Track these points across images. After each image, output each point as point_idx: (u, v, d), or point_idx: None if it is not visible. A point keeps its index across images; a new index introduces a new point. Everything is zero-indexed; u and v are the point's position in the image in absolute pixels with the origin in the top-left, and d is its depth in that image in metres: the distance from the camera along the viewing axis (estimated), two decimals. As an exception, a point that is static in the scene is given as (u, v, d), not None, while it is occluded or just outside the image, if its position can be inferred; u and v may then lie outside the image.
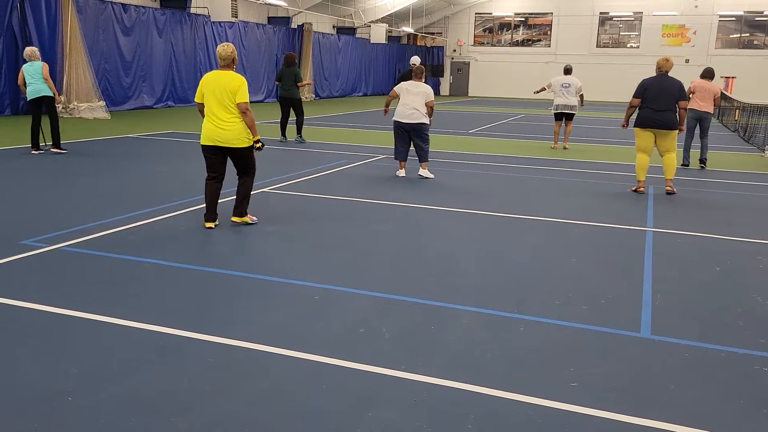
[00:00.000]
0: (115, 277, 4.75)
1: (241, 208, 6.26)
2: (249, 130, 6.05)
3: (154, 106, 21.06)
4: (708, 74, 11.57)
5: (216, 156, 6.15)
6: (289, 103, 13.17)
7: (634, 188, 8.96)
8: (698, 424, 2.99)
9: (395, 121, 9.42)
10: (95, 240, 5.65)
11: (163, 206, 7.02)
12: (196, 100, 6.15)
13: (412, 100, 9.25)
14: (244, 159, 6.19)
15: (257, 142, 6.17)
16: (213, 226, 6.17)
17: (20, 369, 3.30)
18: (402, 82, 9.58)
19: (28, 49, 10.54)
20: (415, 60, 11.95)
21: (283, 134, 13.36)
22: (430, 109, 9.33)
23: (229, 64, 6.07)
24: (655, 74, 8.76)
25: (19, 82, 10.45)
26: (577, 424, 2.96)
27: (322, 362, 3.48)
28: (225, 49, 6.05)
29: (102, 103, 17.59)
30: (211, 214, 6.18)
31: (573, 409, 3.08)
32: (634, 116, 8.90)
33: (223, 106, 5.95)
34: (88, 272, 4.82)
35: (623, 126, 9.23)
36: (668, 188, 8.82)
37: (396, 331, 3.92)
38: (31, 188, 7.80)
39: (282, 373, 3.35)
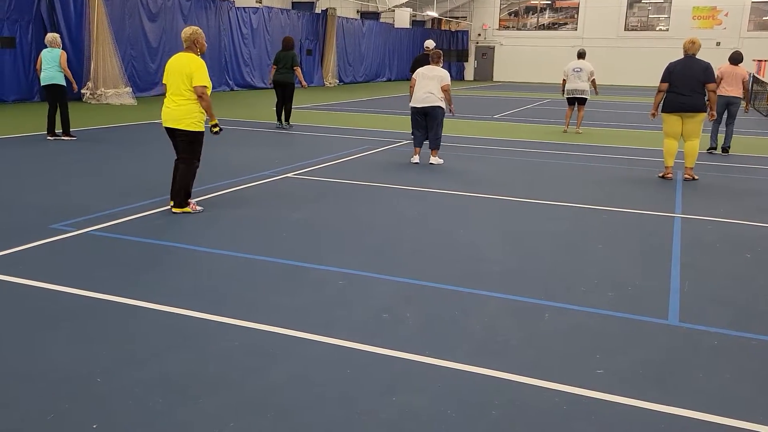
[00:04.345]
0: (142, 261, 4.81)
1: (178, 197, 6.08)
2: (199, 114, 6.01)
3: (180, 92, 21.20)
4: (735, 59, 11.28)
5: (172, 138, 6.19)
6: (283, 87, 12.89)
7: (661, 174, 8.82)
8: (727, 413, 2.94)
9: (411, 107, 9.37)
10: (123, 224, 5.72)
11: (189, 191, 7.07)
12: (164, 81, 6.14)
13: (427, 84, 9.19)
14: (185, 143, 6.07)
15: (215, 126, 6.13)
16: (180, 212, 6.12)
17: (50, 351, 3.36)
18: (419, 68, 9.50)
19: (49, 35, 10.60)
20: (429, 44, 11.75)
21: (279, 120, 13.13)
22: (446, 94, 9.22)
23: (190, 46, 6.00)
24: (682, 57, 8.57)
25: (37, 66, 10.57)
26: (603, 411, 2.94)
27: (346, 347, 3.49)
28: (185, 31, 6.04)
29: (128, 89, 17.76)
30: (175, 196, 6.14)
31: (599, 396, 3.05)
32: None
33: (177, 87, 5.96)
34: (116, 256, 4.88)
35: (652, 115, 8.92)
36: (687, 175, 8.63)
37: (420, 317, 3.92)
38: (59, 173, 7.92)
39: (306, 358, 3.36)
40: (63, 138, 10.55)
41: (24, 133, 11.18)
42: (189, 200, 6.18)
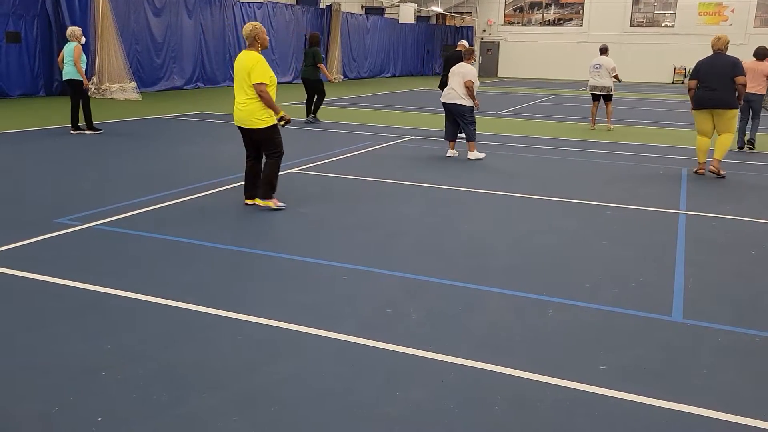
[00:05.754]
0: (147, 255, 4.82)
1: (263, 189, 6.17)
2: (262, 111, 5.96)
3: (184, 87, 21.24)
4: (760, 54, 11.17)
5: (244, 136, 6.25)
6: (307, 84, 13.10)
7: (695, 170, 8.87)
8: (731, 410, 2.94)
9: (442, 102, 9.79)
10: (128, 219, 5.74)
11: (194, 186, 7.09)
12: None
13: (452, 80, 9.50)
14: (262, 140, 6.12)
15: (281, 119, 6.07)
16: (251, 203, 6.32)
17: (56, 344, 3.37)
18: (452, 66, 9.77)
19: (68, 29, 10.63)
20: (464, 42, 11.92)
21: (308, 115, 13.36)
22: (468, 90, 9.30)
23: (251, 42, 5.99)
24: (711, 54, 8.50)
25: (58, 60, 10.64)
26: (606, 407, 2.94)
27: (350, 342, 3.50)
28: (246, 27, 6.02)
29: (133, 84, 17.79)
30: (248, 191, 6.36)
31: (602, 392, 3.06)
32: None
33: (240, 86, 5.98)
34: (121, 250, 4.90)
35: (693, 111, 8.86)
36: (712, 168, 8.55)
37: (424, 312, 3.92)
38: (65, 168, 7.94)
39: (310, 352, 3.37)
40: (85, 132, 10.64)
41: (27, 128, 11.21)
42: (273, 195, 6.23)
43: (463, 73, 9.36)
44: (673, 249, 5.39)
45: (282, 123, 6.11)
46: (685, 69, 36.59)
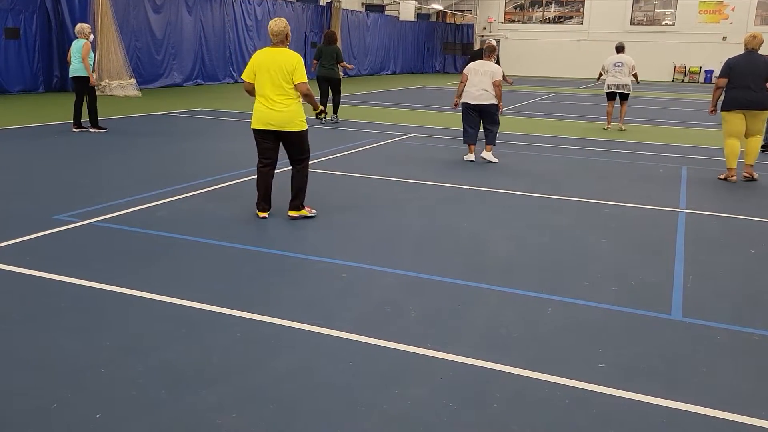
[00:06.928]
0: (145, 252, 4.82)
1: (298, 200, 5.81)
2: (302, 113, 5.69)
3: (184, 84, 21.22)
4: None
5: (269, 141, 5.72)
6: (329, 82, 12.92)
7: (723, 176, 8.33)
8: (729, 408, 2.94)
9: (464, 103, 9.09)
10: (126, 216, 5.73)
11: (193, 183, 7.08)
12: (244, 78, 5.67)
13: (480, 80, 8.94)
14: (298, 144, 5.75)
15: (321, 113, 6.07)
16: (266, 216, 5.82)
17: (54, 341, 3.37)
18: (470, 63, 9.33)
19: (77, 26, 10.55)
20: (491, 41, 11.74)
21: (326, 113, 13.18)
22: (497, 89, 8.90)
23: (282, 40, 5.57)
24: (742, 52, 8.26)
25: (67, 58, 10.56)
26: (604, 404, 2.94)
27: (349, 339, 3.49)
28: (278, 24, 5.57)
29: (133, 80, 17.76)
30: (265, 203, 5.83)
31: (600, 390, 3.05)
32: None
33: (277, 86, 5.52)
34: (119, 247, 4.89)
35: (711, 112, 8.62)
36: (747, 174, 8.30)
37: (423, 310, 3.92)
38: (63, 164, 7.93)
39: (309, 349, 3.37)
40: (90, 130, 10.56)
41: (26, 125, 11.20)
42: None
43: (492, 72, 8.90)
44: (673, 247, 5.39)
45: (323, 116, 6.25)
46: (685, 67, 36.59)
